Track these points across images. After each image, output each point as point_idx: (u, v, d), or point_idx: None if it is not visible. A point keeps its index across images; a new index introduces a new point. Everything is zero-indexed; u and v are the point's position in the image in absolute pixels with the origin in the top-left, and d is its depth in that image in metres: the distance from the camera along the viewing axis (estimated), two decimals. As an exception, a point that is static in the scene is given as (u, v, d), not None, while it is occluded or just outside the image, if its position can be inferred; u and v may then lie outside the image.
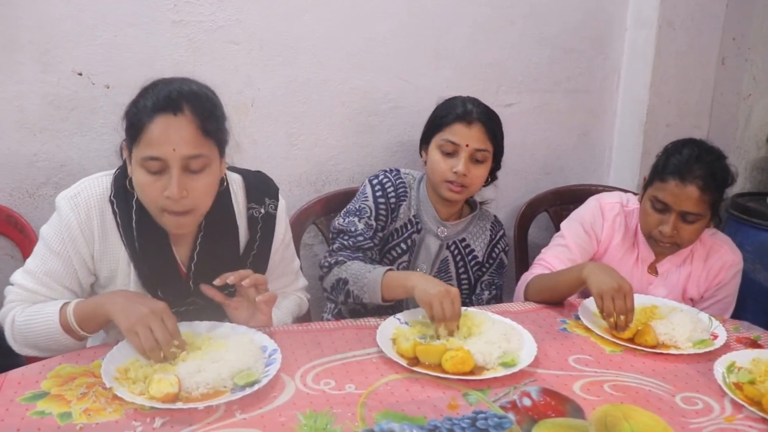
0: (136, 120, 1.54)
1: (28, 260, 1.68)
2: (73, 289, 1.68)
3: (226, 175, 1.74)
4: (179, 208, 1.56)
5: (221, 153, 1.64)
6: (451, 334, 1.69)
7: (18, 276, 1.67)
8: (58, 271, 1.65)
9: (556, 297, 2.04)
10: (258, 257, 1.82)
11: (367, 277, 1.93)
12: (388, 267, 1.96)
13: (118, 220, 1.66)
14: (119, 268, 1.70)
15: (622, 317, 1.79)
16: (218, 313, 1.75)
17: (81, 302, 1.59)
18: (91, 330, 1.60)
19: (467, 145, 2.05)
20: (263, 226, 1.82)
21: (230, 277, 1.62)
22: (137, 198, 1.63)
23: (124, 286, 1.70)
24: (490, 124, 2.09)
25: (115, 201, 1.66)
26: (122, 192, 1.66)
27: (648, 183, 2.10)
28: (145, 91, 1.58)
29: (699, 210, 1.99)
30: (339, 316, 2.23)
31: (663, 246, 2.08)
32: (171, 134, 1.51)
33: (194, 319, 1.70)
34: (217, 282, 1.63)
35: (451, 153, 2.07)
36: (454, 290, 1.75)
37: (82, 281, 1.69)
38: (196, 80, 1.62)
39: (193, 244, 1.73)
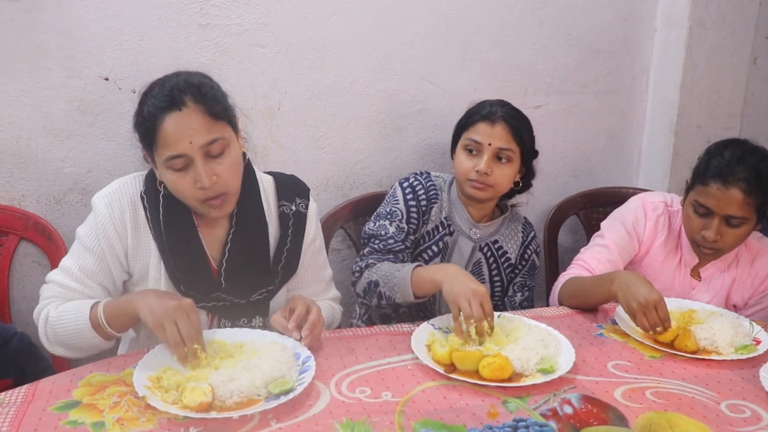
0: (147, 127, 1.60)
1: (64, 258, 1.72)
2: (106, 286, 1.71)
3: (246, 152, 1.79)
4: (214, 192, 1.62)
5: (234, 129, 1.69)
6: (480, 334, 1.65)
7: (53, 274, 1.71)
8: (92, 268, 1.68)
9: (588, 305, 2.01)
10: (290, 256, 1.82)
11: (397, 276, 1.90)
12: (417, 263, 1.93)
13: (148, 215, 1.70)
14: (151, 263, 1.72)
15: (659, 328, 1.75)
16: (247, 311, 1.76)
17: (112, 300, 1.62)
18: (119, 328, 1.60)
19: (490, 144, 2.03)
20: (294, 223, 1.84)
21: (306, 341, 1.60)
22: (164, 193, 1.68)
23: (155, 281, 1.73)
24: (515, 123, 2.06)
25: (146, 197, 1.71)
26: (153, 188, 1.71)
27: (690, 187, 2.02)
28: (145, 97, 1.63)
29: (743, 214, 1.91)
30: (369, 322, 2.21)
31: (706, 251, 2.01)
32: (183, 129, 1.56)
33: (222, 316, 1.75)
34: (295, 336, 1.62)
35: (474, 152, 2.06)
36: (482, 289, 1.71)
37: (116, 279, 1.72)
38: (187, 71, 1.68)
39: (225, 240, 1.75)
